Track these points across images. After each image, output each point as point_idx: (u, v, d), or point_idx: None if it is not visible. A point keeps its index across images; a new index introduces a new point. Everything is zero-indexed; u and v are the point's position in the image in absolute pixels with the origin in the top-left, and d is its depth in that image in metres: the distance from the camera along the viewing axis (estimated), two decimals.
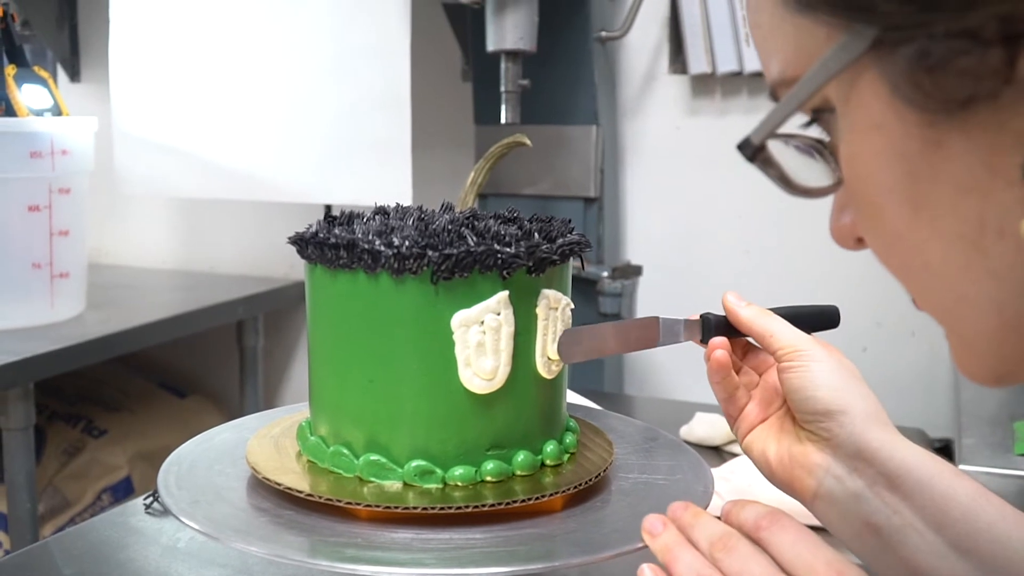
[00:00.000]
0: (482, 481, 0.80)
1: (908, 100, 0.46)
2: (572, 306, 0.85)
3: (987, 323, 0.50)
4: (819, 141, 0.54)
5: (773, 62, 0.53)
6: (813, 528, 0.64)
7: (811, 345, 0.78)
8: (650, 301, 1.83)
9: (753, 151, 0.53)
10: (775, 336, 0.79)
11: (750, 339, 0.84)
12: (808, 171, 0.54)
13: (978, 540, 0.72)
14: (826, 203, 0.57)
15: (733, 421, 0.84)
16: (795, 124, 0.53)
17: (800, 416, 0.78)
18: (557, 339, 0.83)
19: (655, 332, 0.83)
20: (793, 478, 0.78)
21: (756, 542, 0.63)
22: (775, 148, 0.53)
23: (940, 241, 0.49)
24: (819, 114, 0.52)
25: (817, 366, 0.77)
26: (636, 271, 1.75)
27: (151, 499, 1.20)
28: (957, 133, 0.46)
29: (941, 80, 0.45)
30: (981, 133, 0.45)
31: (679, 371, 1.95)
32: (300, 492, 0.78)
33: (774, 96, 0.54)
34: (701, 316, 0.84)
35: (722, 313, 0.83)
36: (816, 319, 0.85)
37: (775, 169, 0.54)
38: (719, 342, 0.81)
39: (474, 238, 0.78)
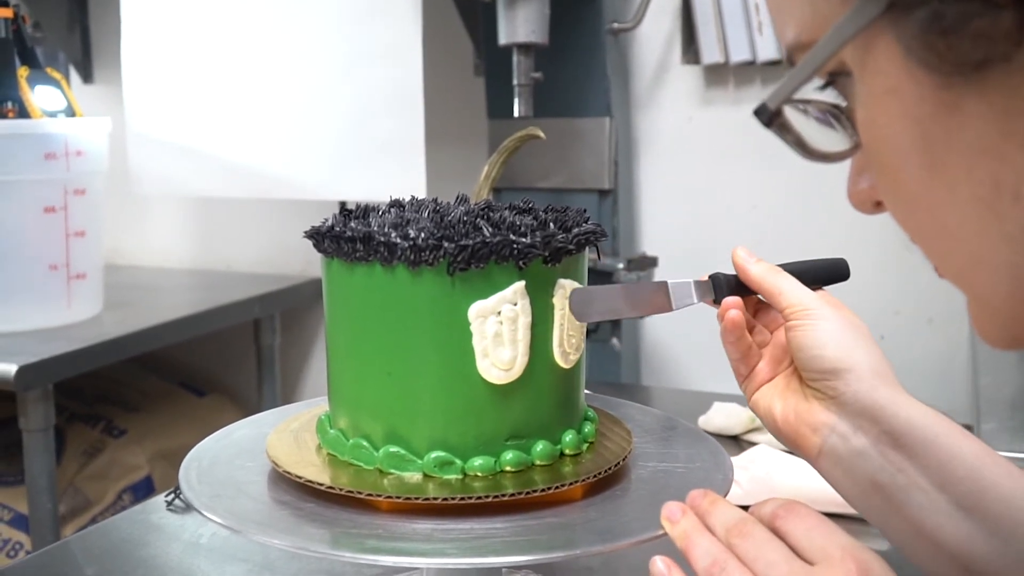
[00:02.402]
0: (502, 471, 0.80)
1: (922, 63, 0.46)
2: None
3: (1003, 286, 0.50)
4: (835, 106, 0.54)
5: (788, 27, 0.53)
6: (831, 516, 0.65)
7: (818, 303, 0.78)
8: None
9: (769, 116, 0.53)
10: (783, 294, 0.79)
11: (761, 296, 0.84)
12: (824, 137, 0.54)
13: (983, 498, 0.71)
14: (841, 192, 0.57)
15: (743, 380, 0.84)
16: (811, 89, 0.53)
17: (806, 374, 0.77)
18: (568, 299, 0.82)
19: (666, 297, 0.82)
20: (798, 435, 0.78)
21: (773, 531, 0.63)
22: (791, 115, 0.53)
23: (956, 204, 0.49)
24: (835, 78, 0.52)
25: (824, 324, 0.77)
26: (652, 262, 1.75)
27: (173, 495, 1.21)
28: (971, 96, 0.46)
29: (954, 43, 0.45)
30: (995, 96, 0.45)
31: (696, 362, 1.95)
32: (321, 485, 0.78)
33: (790, 61, 0.54)
34: (711, 276, 0.83)
35: (732, 272, 0.83)
36: (825, 272, 0.84)
37: (792, 134, 0.54)
38: (732, 302, 0.80)
39: (490, 229, 0.78)
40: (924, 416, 0.74)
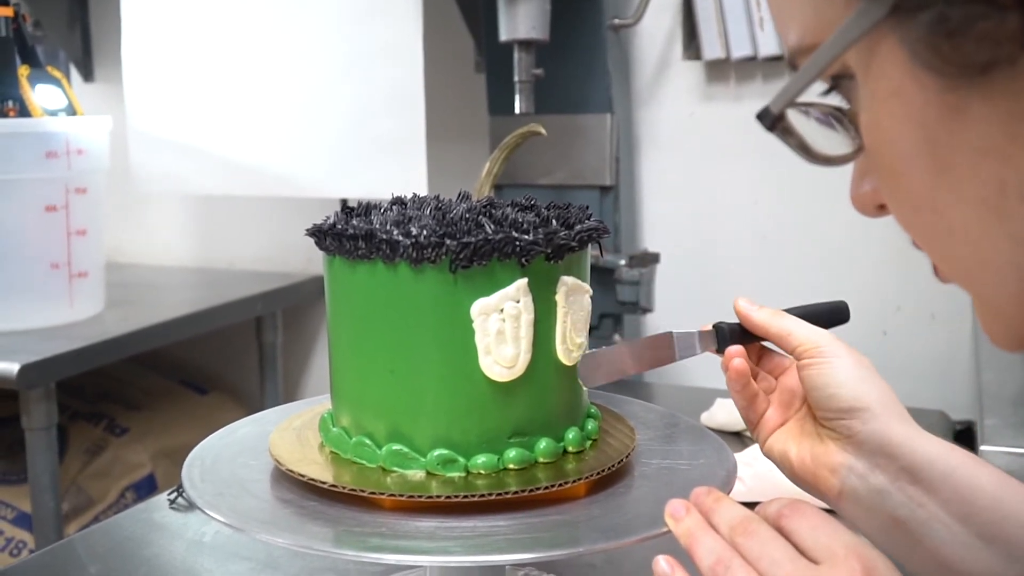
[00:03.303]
0: (505, 469, 0.80)
1: (927, 66, 0.46)
2: (591, 292, 0.85)
3: (1009, 287, 0.50)
4: (838, 109, 0.54)
5: (791, 29, 0.53)
6: (835, 514, 0.65)
7: (830, 341, 0.78)
8: (668, 288, 1.83)
9: (772, 120, 0.52)
10: (792, 334, 0.79)
11: (765, 343, 0.83)
12: (827, 140, 0.54)
13: (1004, 527, 0.71)
14: (843, 187, 0.57)
15: (754, 427, 0.83)
16: (814, 92, 0.52)
17: (821, 414, 0.77)
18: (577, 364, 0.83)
19: (671, 348, 0.84)
20: (817, 479, 0.78)
21: (778, 530, 0.63)
22: (794, 118, 0.53)
23: (961, 206, 0.48)
24: (839, 81, 0.52)
25: (838, 362, 0.77)
26: (654, 258, 1.74)
27: (175, 494, 1.21)
28: (976, 99, 0.46)
29: (960, 45, 0.44)
30: (1000, 98, 0.45)
31: (698, 358, 1.95)
32: (324, 483, 0.78)
33: (792, 64, 0.53)
34: (714, 326, 0.83)
35: (734, 320, 0.83)
36: (827, 315, 0.84)
37: (794, 138, 0.53)
38: (736, 350, 0.81)
39: (492, 226, 0.78)
40: (940, 449, 0.74)
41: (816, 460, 0.78)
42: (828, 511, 0.65)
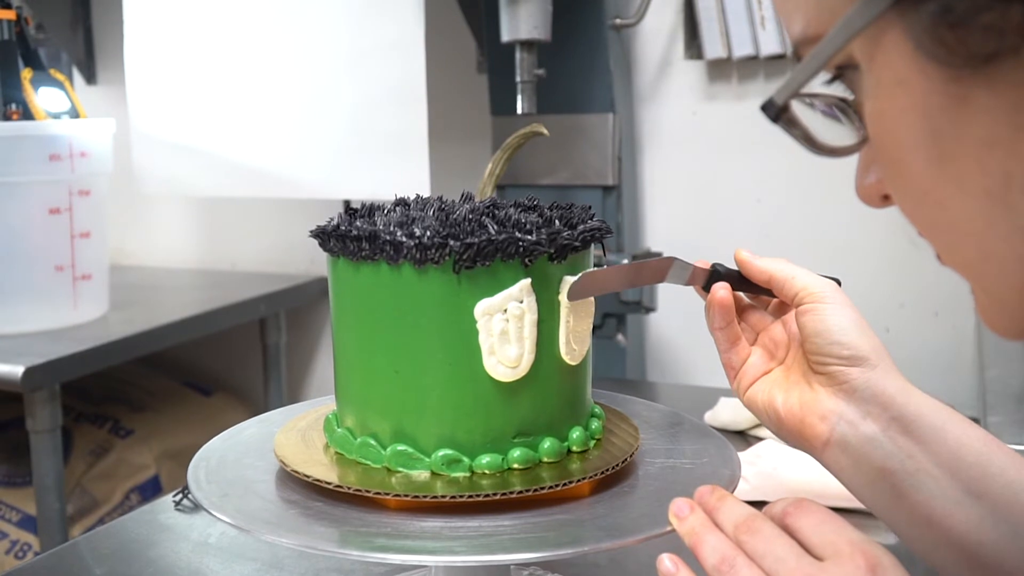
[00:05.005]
0: (509, 469, 0.80)
1: (932, 56, 0.46)
2: None
3: (1012, 278, 0.50)
4: (843, 100, 0.54)
5: (795, 20, 0.53)
6: (839, 511, 0.65)
7: (834, 289, 0.79)
8: (671, 288, 1.83)
9: (776, 111, 0.52)
10: (796, 279, 0.79)
11: (747, 299, 0.85)
12: (832, 131, 0.54)
13: (991, 484, 0.72)
14: (845, 186, 0.57)
15: (734, 373, 0.84)
16: (818, 83, 0.53)
17: (819, 359, 0.77)
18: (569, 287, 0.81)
19: (664, 272, 0.83)
20: (804, 426, 0.78)
21: (783, 528, 0.63)
22: (798, 109, 0.53)
23: (966, 197, 0.49)
24: (843, 71, 0.52)
25: (841, 309, 0.77)
26: (657, 258, 1.74)
27: (181, 495, 1.21)
28: (981, 89, 0.46)
29: (964, 36, 0.44)
30: (1005, 89, 0.45)
31: (701, 357, 1.95)
32: (329, 483, 0.78)
33: (796, 55, 0.53)
34: (712, 265, 0.83)
35: (734, 267, 0.83)
36: None
37: (799, 129, 0.54)
38: (722, 285, 0.82)
39: (495, 227, 0.78)
40: (931, 404, 0.75)
41: (805, 407, 0.78)
42: (839, 511, 0.65)
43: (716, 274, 0.83)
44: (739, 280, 0.83)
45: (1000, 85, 0.45)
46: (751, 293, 0.85)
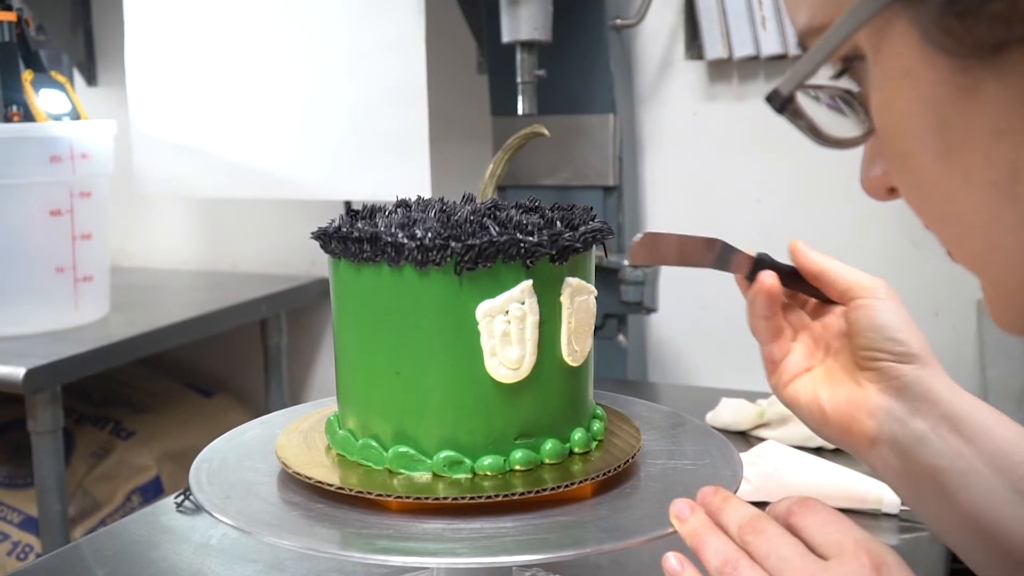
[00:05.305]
0: (511, 470, 0.80)
1: (939, 46, 0.46)
2: (596, 293, 0.85)
3: (1018, 270, 0.49)
4: (848, 91, 0.54)
5: (801, 10, 0.53)
6: (843, 511, 0.65)
7: (886, 286, 0.78)
8: (672, 288, 1.83)
9: (782, 102, 0.52)
10: (848, 273, 0.79)
11: (786, 297, 0.83)
12: (837, 123, 0.54)
13: None
14: (845, 186, 0.57)
15: (775, 367, 0.82)
16: (824, 75, 0.52)
17: (870, 355, 0.76)
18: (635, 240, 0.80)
19: (712, 254, 0.82)
20: (852, 422, 0.77)
21: (788, 528, 0.63)
22: (804, 101, 0.53)
23: (972, 189, 0.48)
24: (849, 63, 0.52)
25: (893, 306, 0.76)
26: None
27: (182, 497, 1.21)
28: (989, 80, 0.45)
29: (971, 25, 0.44)
30: (1013, 79, 0.45)
31: (703, 358, 1.95)
32: (330, 485, 0.78)
33: (802, 45, 0.53)
34: (758, 254, 0.82)
35: (780, 260, 0.82)
36: None
37: (804, 120, 0.53)
38: (770, 272, 0.80)
39: (496, 228, 0.78)
40: (978, 403, 0.74)
41: (853, 403, 0.77)
42: (843, 511, 0.65)
43: (761, 263, 0.82)
44: (785, 274, 0.82)
45: (1008, 76, 0.45)
46: (793, 290, 0.83)
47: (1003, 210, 0.48)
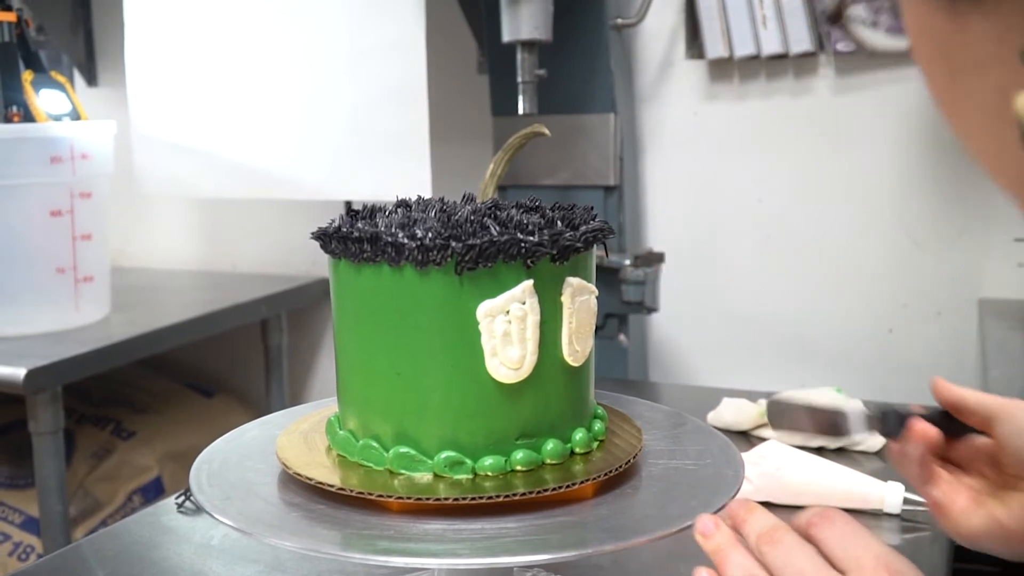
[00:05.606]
0: (512, 470, 0.80)
1: None
2: (596, 293, 0.85)
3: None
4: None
5: None
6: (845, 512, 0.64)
7: (1012, 400, 0.77)
8: (673, 288, 1.83)
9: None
10: (982, 396, 0.77)
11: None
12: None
13: None
14: (846, 185, 0.57)
15: (942, 510, 0.79)
16: None
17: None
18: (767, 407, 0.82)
19: (845, 425, 0.80)
20: None
21: (807, 538, 0.63)
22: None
23: (977, 110, 0.49)
24: None
25: None
26: (659, 258, 1.74)
27: (183, 497, 1.21)
28: (975, 15, 0.46)
29: None
30: (996, 17, 0.46)
31: (704, 358, 1.95)
32: (331, 486, 0.78)
33: None
34: (883, 411, 0.80)
35: (899, 407, 0.80)
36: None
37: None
38: (920, 420, 0.78)
39: (497, 228, 0.78)
40: None
41: None
42: (845, 511, 0.65)
43: (888, 416, 0.80)
44: (940, 419, 0.80)
45: (992, 14, 0.46)
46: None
47: (1003, 132, 0.49)
